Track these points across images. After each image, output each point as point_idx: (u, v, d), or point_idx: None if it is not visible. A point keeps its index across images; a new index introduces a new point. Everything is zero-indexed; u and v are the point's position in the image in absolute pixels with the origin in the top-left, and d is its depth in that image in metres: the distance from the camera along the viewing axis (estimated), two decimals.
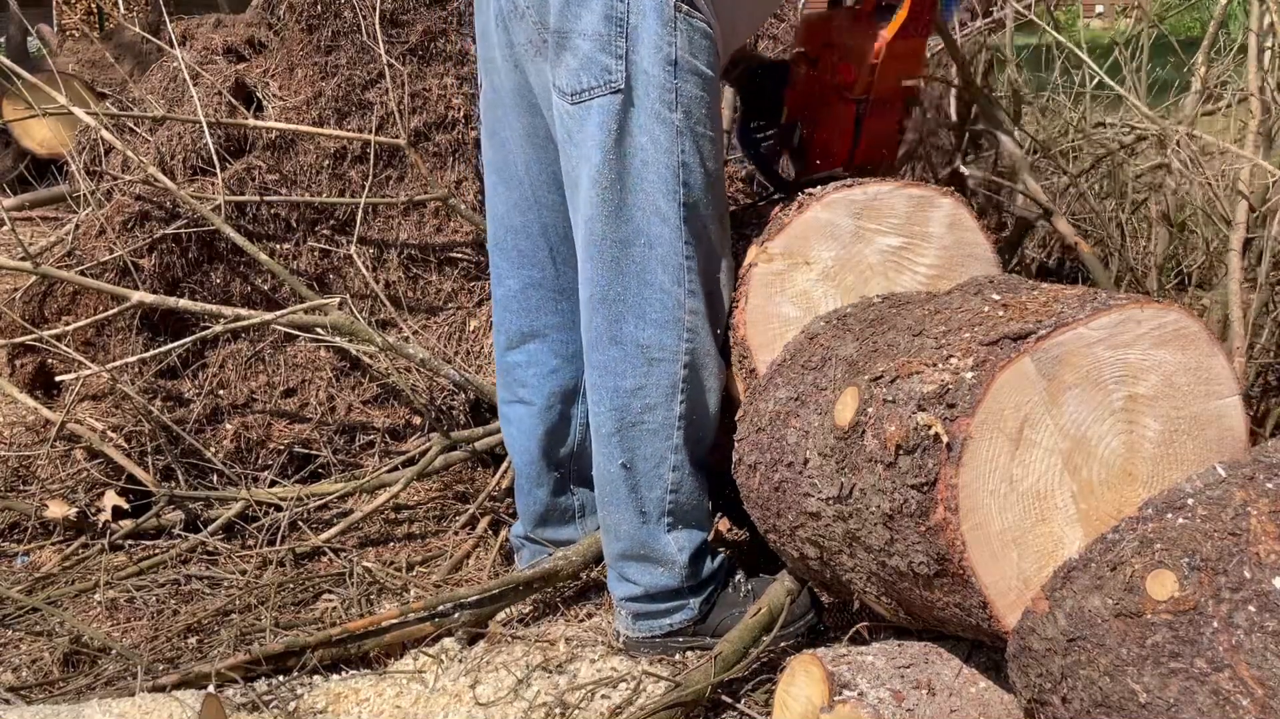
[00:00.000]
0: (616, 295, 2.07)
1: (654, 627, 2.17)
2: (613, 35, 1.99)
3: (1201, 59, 3.02)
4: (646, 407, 2.08)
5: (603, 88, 2.00)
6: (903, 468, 1.66)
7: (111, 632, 2.37)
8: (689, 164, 2.03)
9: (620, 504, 2.14)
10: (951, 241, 2.19)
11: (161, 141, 3.23)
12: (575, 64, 2.01)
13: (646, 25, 1.98)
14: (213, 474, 2.88)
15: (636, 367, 2.08)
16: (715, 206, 2.09)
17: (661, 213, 2.03)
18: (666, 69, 2.00)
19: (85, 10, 11.39)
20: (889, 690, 1.71)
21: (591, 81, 2.00)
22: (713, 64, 2.06)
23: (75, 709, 1.91)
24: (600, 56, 1.99)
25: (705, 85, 2.04)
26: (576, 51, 2.00)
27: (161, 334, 3.08)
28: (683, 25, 2.00)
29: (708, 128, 2.06)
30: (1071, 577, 1.52)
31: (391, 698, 2.09)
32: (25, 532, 2.75)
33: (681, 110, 2.02)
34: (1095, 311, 1.68)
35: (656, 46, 1.99)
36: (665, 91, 2.01)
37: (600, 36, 1.99)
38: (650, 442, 2.10)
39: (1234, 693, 1.34)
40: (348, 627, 2.18)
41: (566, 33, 2.01)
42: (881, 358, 1.80)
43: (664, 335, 2.06)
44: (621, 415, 2.10)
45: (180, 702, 1.95)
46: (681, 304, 2.06)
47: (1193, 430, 1.72)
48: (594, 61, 2.00)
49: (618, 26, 1.98)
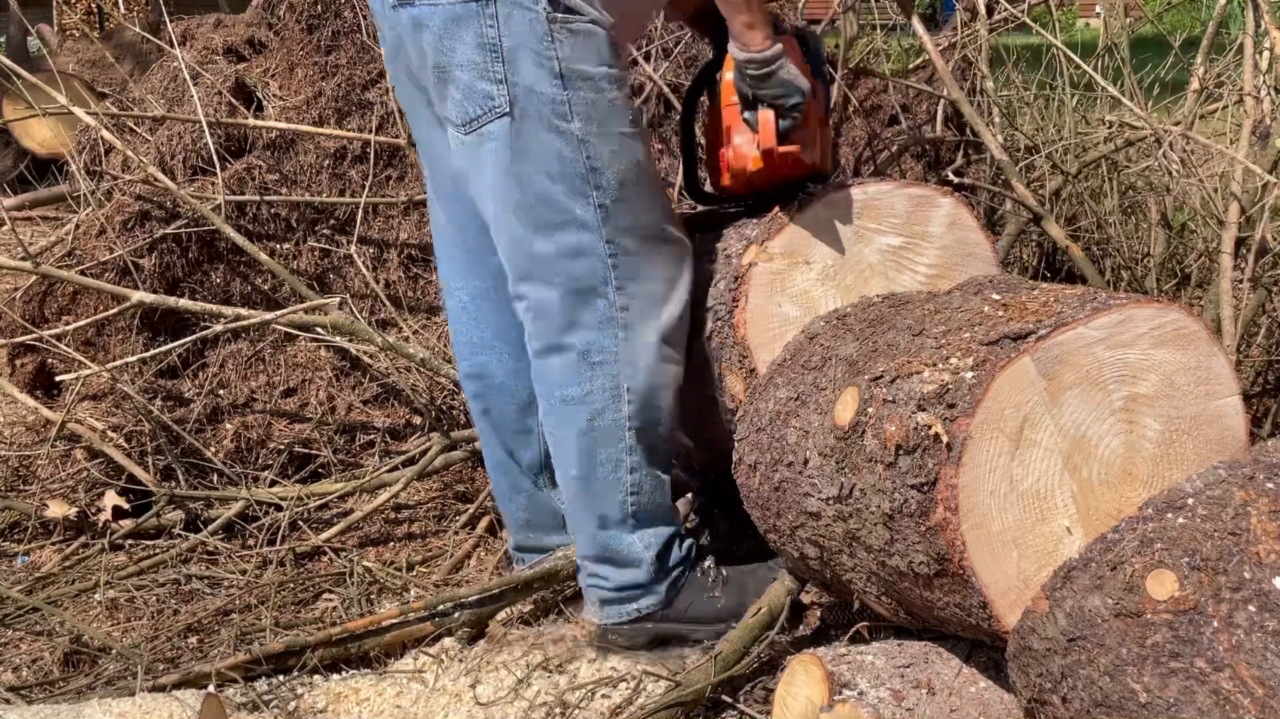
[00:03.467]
0: (548, 308, 2.07)
1: (621, 613, 2.16)
2: (489, 61, 1.97)
3: (1200, 59, 3.02)
4: (594, 412, 2.08)
5: (489, 114, 2.00)
6: (903, 468, 1.66)
7: (111, 631, 2.37)
8: (598, 168, 2.02)
9: (581, 510, 2.14)
10: (951, 241, 2.20)
11: (161, 141, 3.24)
12: (459, 95, 2.01)
13: (521, 45, 1.97)
14: (213, 474, 2.88)
15: (580, 373, 2.07)
16: (640, 198, 2.07)
17: (579, 220, 2.02)
18: (554, 82, 1.98)
19: (85, 10, 11.40)
20: (889, 690, 1.72)
21: (477, 110, 2.00)
22: (607, 59, 2.02)
23: (75, 709, 1.91)
24: (480, 84, 1.99)
25: (600, 85, 2.01)
26: (458, 83, 2.00)
27: (161, 334, 3.09)
28: (562, 34, 1.98)
29: (614, 125, 2.03)
30: (1071, 576, 1.52)
31: (392, 697, 2.09)
32: (25, 531, 2.75)
33: (579, 119, 2.00)
34: (1095, 311, 1.68)
35: (537, 63, 1.97)
36: (557, 105, 1.99)
37: (477, 65, 1.98)
38: (603, 447, 2.09)
39: (1234, 693, 1.34)
40: (348, 626, 2.18)
41: (445, 67, 2.01)
42: (881, 358, 1.80)
43: (602, 338, 2.06)
44: (571, 424, 2.10)
45: (180, 701, 1.95)
46: (613, 303, 2.05)
47: (1192, 430, 1.73)
48: (475, 90, 1.99)
49: (492, 52, 1.97)
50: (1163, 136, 2.93)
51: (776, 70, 2.04)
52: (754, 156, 2.09)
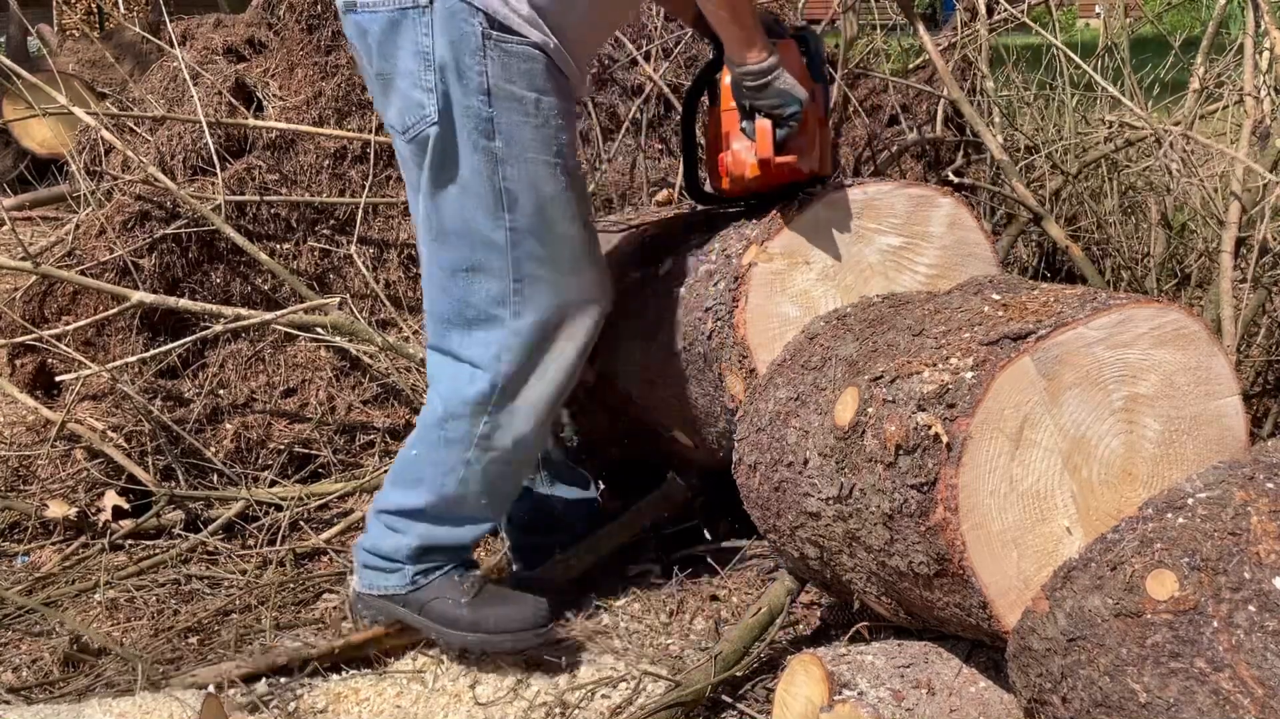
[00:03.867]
0: (441, 314, 2.10)
1: (371, 584, 2.18)
2: (422, 70, 1.98)
3: (1200, 59, 3.02)
4: (451, 415, 2.09)
5: (422, 123, 2.00)
6: (903, 468, 1.66)
7: (111, 631, 2.37)
8: (513, 190, 2.01)
9: (399, 483, 2.17)
10: (951, 241, 2.20)
11: (161, 141, 3.24)
12: (399, 102, 2.03)
13: (453, 57, 1.96)
14: (213, 474, 2.88)
15: (454, 379, 2.09)
16: (556, 230, 2.05)
17: (486, 240, 2.02)
18: (480, 98, 1.98)
19: (85, 10, 11.40)
20: (889, 690, 1.72)
21: (412, 118, 2.01)
22: (540, 86, 2.01)
23: (76, 709, 1.91)
24: (414, 93, 2.00)
25: (529, 109, 2.00)
26: (397, 90, 2.03)
27: (161, 334, 3.08)
28: (494, 52, 1.97)
29: (540, 151, 2.02)
30: (1071, 576, 1.52)
31: (392, 697, 2.09)
32: (25, 531, 2.75)
33: (501, 138, 1.99)
34: (1095, 311, 1.68)
35: (466, 77, 1.97)
36: (481, 120, 1.98)
37: (412, 74, 1.99)
38: (444, 450, 2.11)
39: (1234, 693, 1.34)
40: (351, 640, 2.18)
41: (388, 74, 2.03)
42: (881, 358, 1.80)
43: (485, 354, 2.06)
44: (431, 414, 2.13)
45: (181, 701, 1.95)
46: (505, 325, 2.05)
47: (1192, 430, 1.73)
48: (410, 99, 2.01)
49: (425, 61, 1.98)
50: (1163, 136, 2.93)
51: (773, 81, 2.04)
52: (751, 164, 2.09)
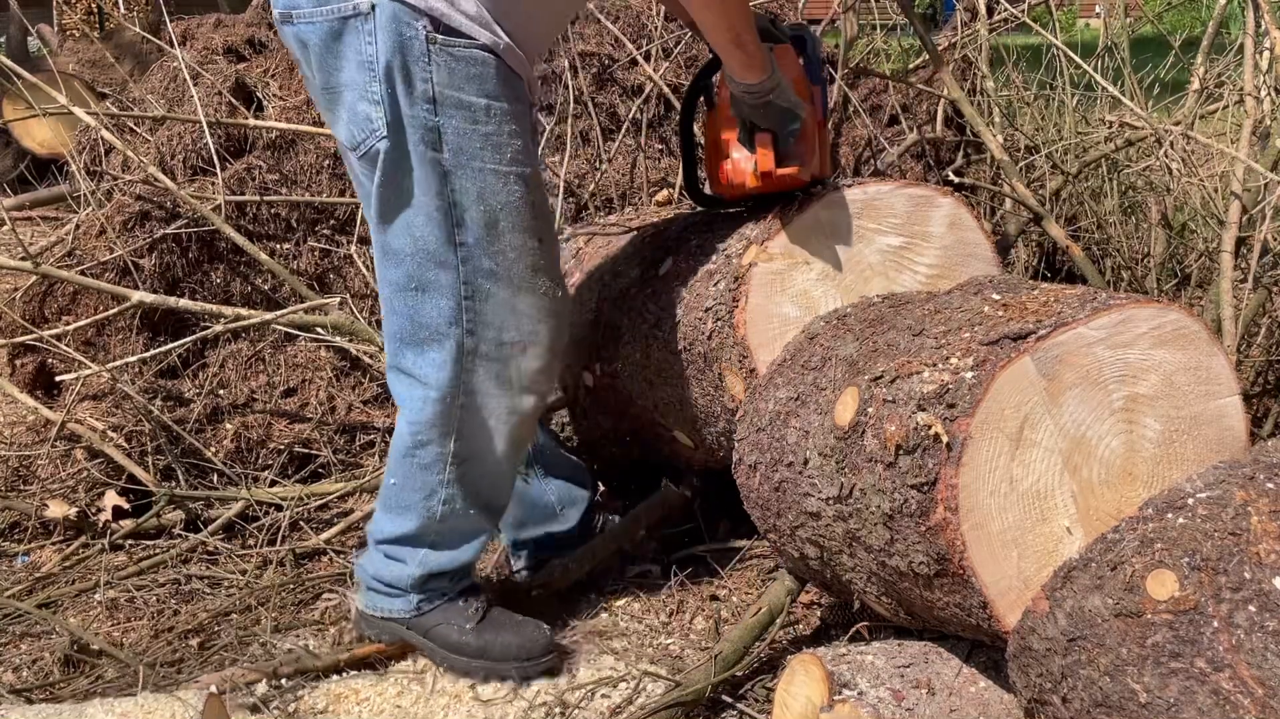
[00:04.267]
0: (394, 332, 2.03)
1: (375, 605, 2.16)
2: (367, 81, 1.89)
3: (1200, 59, 3.02)
4: (419, 441, 2.05)
5: (372, 137, 1.92)
6: (903, 468, 1.66)
7: (111, 632, 2.37)
8: (462, 203, 1.93)
9: (386, 513, 2.13)
10: (951, 241, 2.20)
11: (161, 141, 3.24)
12: (346, 116, 1.94)
13: (396, 64, 1.87)
14: (213, 474, 2.88)
15: (415, 401, 2.04)
16: (509, 242, 1.98)
17: (435, 257, 1.95)
18: (425, 107, 1.89)
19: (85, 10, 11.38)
20: (889, 690, 1.72)
21: (361, 133, 1.92)
22: (490, 91, 1.92)
23: (78, 709, 1.91)
24: (361, 105, 1.91)
25: (478, 116, 1.91)
26: (344, 104, 1.93)
27: (161, 334, 3.08)
28: (440, 57, 1.88)
29: (487, 160, 1.93)
30: (1072, 576, 1.52)
31: (392, 697, 2.09)
32: (25, 531, 2.75)
33: (449, 149, 1.91)
34: (1095, 311, 1.68)
35: (409, 84, 1.88)
36: (427, 131, 1.90)
37: (358, 85, 1.90)
38: (421, 474, 2.06)
39: (1234, 693, 1.34)
40: (355, 654, 2.18)
41: (333, 87, 1.94)
42: (881, 358, 1.80)
43: (440, 374, 2.01)
44: (400, 439, 2.08)
45: (182, 701, 1.95)
46: (460, 345, 1.99)
47: (1192, 430, 1.73)
48: (357, 112, 1.92)
49: (370, 71, 1.88)
50: (1163, 136, 2.93)
51: (773, 100, 2.03)
52: (752, 174, 2.09)
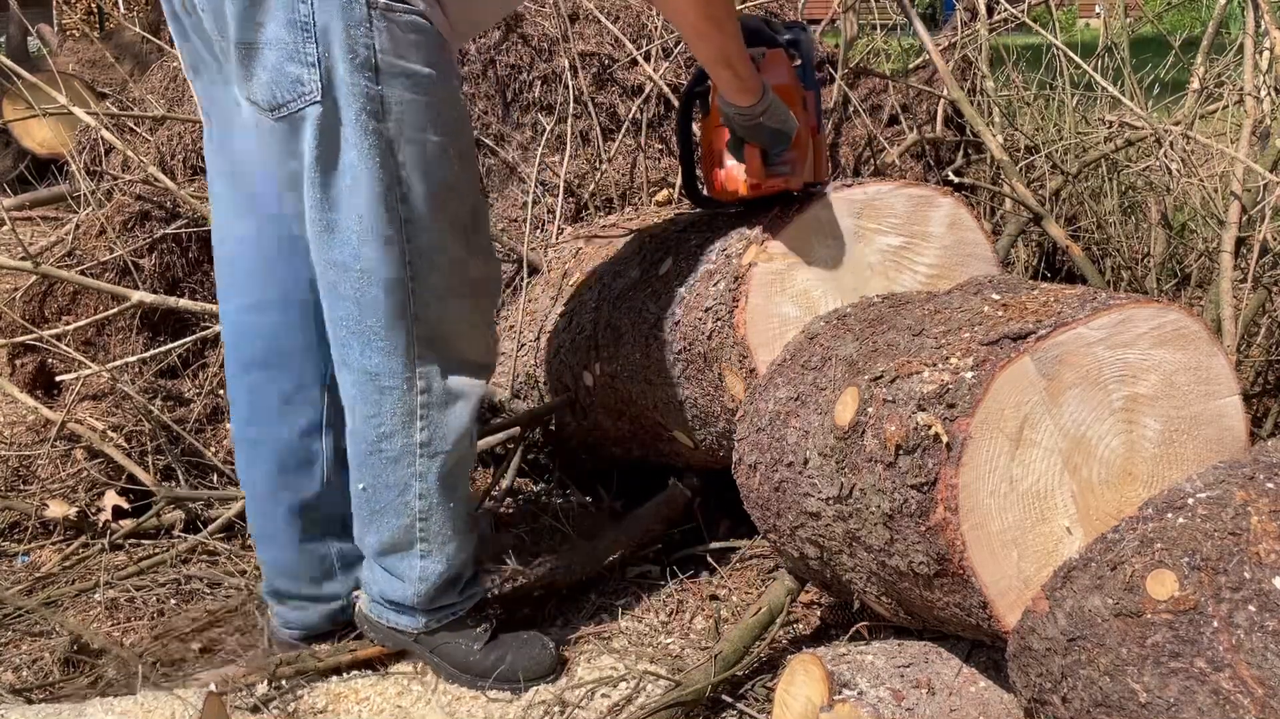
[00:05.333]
0: (339, 320, 1.92)
1: (383, 616, 2.11)
2: (300, 41, 1.77)
3: (1200, 59, 3.03)
4: (382, 434, 1.95)
5: (299, 100, 1.80)
6: (903, 468, 1.66)
7: (111, 631, 2.37)
8: (406, 178, 1.84)
9: (365, 523, 2.04)
10: (951, 241, 2.20)
11: (161, 141, 3.24)
12: (266, 76, 1.81)
13: (335, 27, 1.77)
14: (213, 474, 2.88)
15: (368, 394, 1.94)
16: (451, 217, 1.91)
17: (380, 234, 1.85)
18: (366, 75, 1.79)
19: (85, 10, 11.39)
20: (889, 690, 1.72)
21: (286, 95, 1.80)
22: (433, 60, 1.84)
23: (77, 708, 1.91)
24: (289, 66, 1.78)
25: (421, 86, 1.83)
26: (265, 63, 1.80)
27: (161, 334, 3.09)
28: (381, 22, 1.78)
29: (432, 132, 1.85)
30: (1071, 576, 1.52)
31: (393, 697, 2.09)
32: (25, 531, 2.75)
33: (393, 119, 1.81)
34: (1095, 311, 1.68)
35: (350, 50, 1.78)
36: (369, 100, 1.79)
37: (286, 45, 1.78)
38: (391, 469, 1.97)
39: (1234, 693, 1.34)
40: (358, 655, 2.17)
41: (251, 42, 1.80)
42: (881, 358, 1.80)
43: (392, 362, 1.91)
44: (360, 440, 1.98)
45: (182, 700, 1.96)
46: (410, 331, 1.90)
47: (1192, 430, 1.73)
48: (283, 73, 1.79)
49: (304, 32, 1.77)
50: (1163, 136, 2.94)
51: (764, 122, 2.03)
52: (743, 182, 2.11)
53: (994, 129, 3.07)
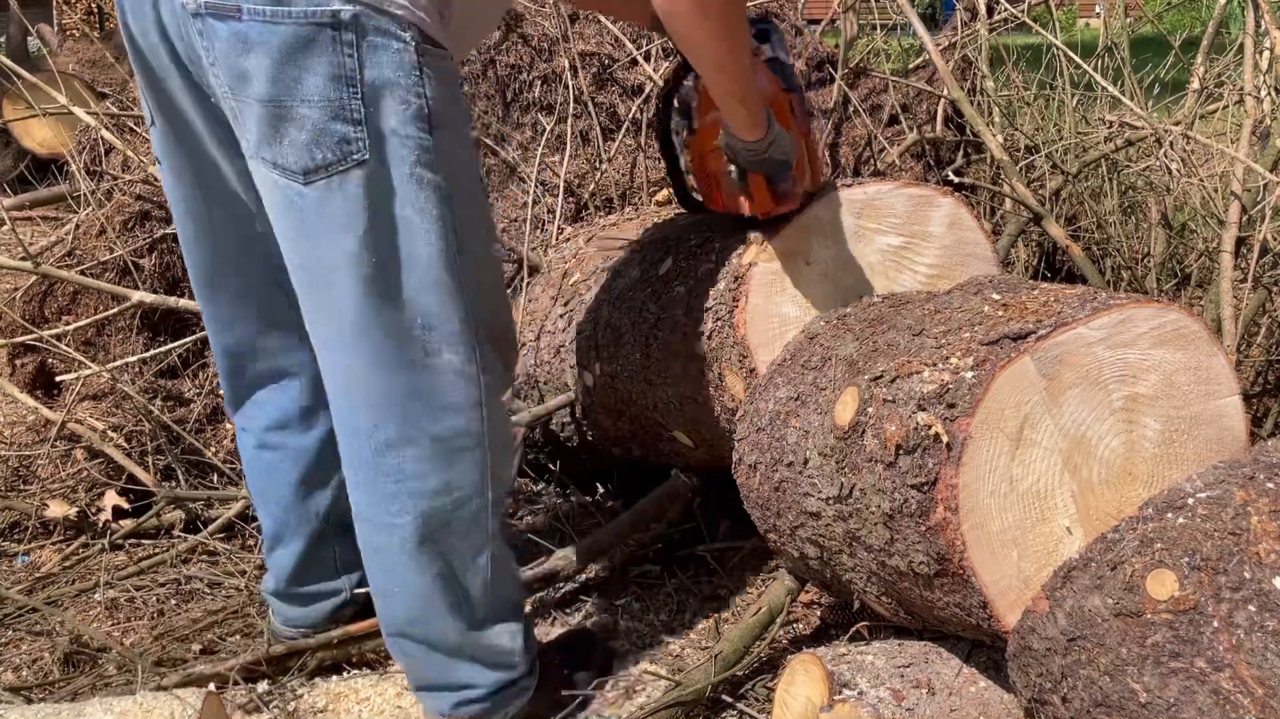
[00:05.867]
0: (402, 391, 1.76)
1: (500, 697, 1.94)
2: (345, 98, 1.64)
3: (1200, 59, 3.03)
4: (457, 502, 1.81)
5: (344, 160, 1.65)
6: (903, 468, 1.66)
7: (112, 631, 2.38)
8: (463, 228, 1.74)
9: (440, 616, 1.87)
10: (951, 241, 2.20)
11: None
12: (305, 138, 1.64)
13: (386, 79, 1.65)
14: (213, 474, 2.88)
15: (438, 464, 1.78)
16: (492, 258, 1.86)
17: (442, 287, 1.73)
18: (420, 126, 1.68)
19: (85, 10, 11.39)
20: (889, 690, 1.72)
21: (329, 156, 1.65)
22: (460, 97, 1.78)
23: (76, 708, 1.91)
24: (335, 125, 1.64)
25: (461, 127, 1.77)
26: (304, 123, 1.64)
27: (161, 334, 3.09)
28: (431, 69, 1.69)
29: (471, 171, 1.81)
30: (1071, 576, 1.52)
31: (392, 697, 2.09)
32: (25, 531, 2.75)
33: (445, 170, 1.71)
34: (1095, 311, 1.68)
35: (404, 101, 1.66)
36: (424, 152, 1.68)
37: (330, 102, 1.63)
38: (465, 538, 1.84)
39: (1234, 693, 1.35)
40: (349, 630, 2.18)
41: (283, 101, 1.63)
42: (881, 358, 1.80)
43: (462, 420, 1.79)
44: (429, 520, 1.80)
45: (182, 700, 1.95)
46: (475, 379, 1.78)
47: (1192, 430, 1.73)
48: (328, 131, 1.64)
49: (350, 88, 1.64)
50: (1163, 136, 2.94)
51: (771, 155, 1.97)
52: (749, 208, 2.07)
53: (994, 129, 3.07)
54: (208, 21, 1.64)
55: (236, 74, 1.65)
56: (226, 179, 1.88)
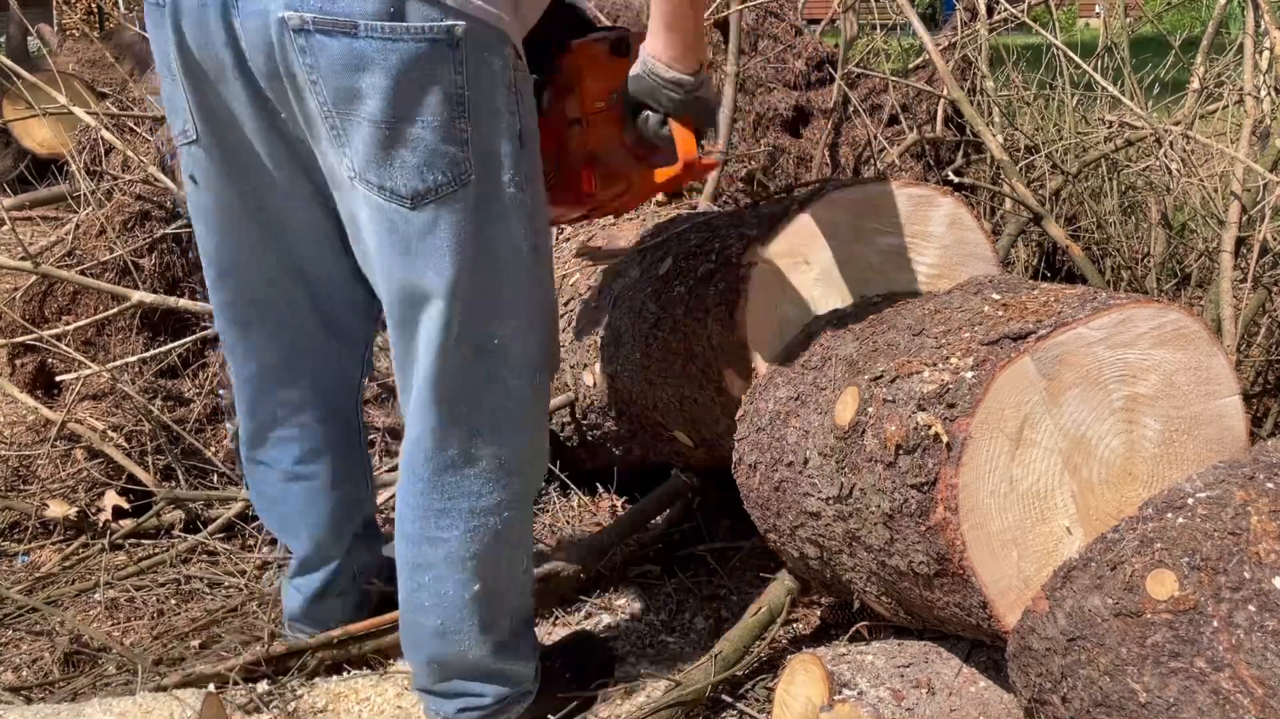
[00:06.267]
0: (476, 412, 1.74)
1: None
2: (454, 117, 1.58)
3: (1200, 59, 3.03)
4: (506, 521, 1.80)
5: (453, 183, 1.60)
6: (903, 468, 1.66)
7: (112, 631, 2.38)
8: (540, 246, 1.72)
9: (470, 632, 1.84)
10: (951, 241, 2.20)
11: (162, 141, 3.24)
12: (416, 160, 1.58)
13: (487, 98, 1.60)
14: (213, 474, 2.88)
15: (494, 483, 1.78)
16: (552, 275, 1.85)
17: (529, 309, 1.72)
18: (513, 143, 1.64)
19: (85, 10, 11.39)
20: (889, 689, 1.72)
21: (439, 178, 1.60)
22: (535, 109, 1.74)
23: (76, 708, 1.91)
24: (446, 147, 1.58)
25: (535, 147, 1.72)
26: (417, 144, 1.58)
27: (161, 334, 3.09)
28: (520, 86, 1.65)
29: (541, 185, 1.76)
30: (1071, 576, 1.52)
31: (393, 697, 2.09)
32: (25, 531, 2.75)
33: (529, 190, 1.67)
34: (1095, 311, 1.68)
35: (500, 120, 1.62)
36: (515, 172, 1.64)
37: (441, 122, 1.58)
38: (510, 555, 1.85)
39: (1234, 693, 1.35)
40: (349, 629, 2.18)
41: (399, 121, 1.57)
42: (881, 357, 1.80)
43: (519, 440, 1.79)
44: (480, 536, 1.80)
45: (181, 701, 1.95)
46: (530, 399, 1.78)
47: (1192, 430, 1.73)
48: (440, 154, 1.59)
49: (459, 105, 1.58)
50: (1163, 136, 2.94)
51: (701, 94, 1.83)
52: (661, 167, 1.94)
53: (994, 129, 3.07)
54: (314, 38, 1.55)
55: (345, 92, 1.57)
56: (282, 200, 1.82)
